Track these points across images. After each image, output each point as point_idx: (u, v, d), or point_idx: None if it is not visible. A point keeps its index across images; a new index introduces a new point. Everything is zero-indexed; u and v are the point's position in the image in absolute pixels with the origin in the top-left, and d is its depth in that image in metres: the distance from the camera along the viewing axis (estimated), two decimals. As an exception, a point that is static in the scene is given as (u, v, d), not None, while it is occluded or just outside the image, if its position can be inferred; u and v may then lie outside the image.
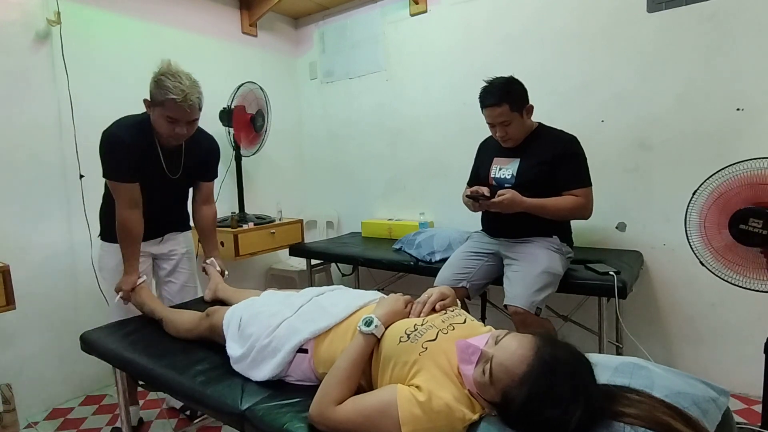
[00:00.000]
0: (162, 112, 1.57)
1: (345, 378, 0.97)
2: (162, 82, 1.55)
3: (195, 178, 1.89)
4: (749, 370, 1.88)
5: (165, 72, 1.57)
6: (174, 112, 1.56)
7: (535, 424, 0.79)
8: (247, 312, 1.30)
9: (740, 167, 1.46)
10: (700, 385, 0.90)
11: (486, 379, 0.84)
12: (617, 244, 2.25)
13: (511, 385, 0.81)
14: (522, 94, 1.75)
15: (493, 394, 0.84)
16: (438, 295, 1.11)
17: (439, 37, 2.71)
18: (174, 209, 1.93)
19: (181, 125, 1.61)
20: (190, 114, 1.60)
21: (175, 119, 1.58)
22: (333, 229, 3.37)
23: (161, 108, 1.57)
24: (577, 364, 0.81)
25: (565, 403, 0.76)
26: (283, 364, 1.15)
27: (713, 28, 1.93)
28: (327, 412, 0.93)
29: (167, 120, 1.58)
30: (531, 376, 0.79)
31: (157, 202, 1.77)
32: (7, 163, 1.99)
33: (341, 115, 3.23)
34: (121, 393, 1.61)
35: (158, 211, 1.80)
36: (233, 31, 2.97)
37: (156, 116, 1.61)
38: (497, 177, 1.85)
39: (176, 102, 1.54)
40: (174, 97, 1.53)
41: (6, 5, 1.98)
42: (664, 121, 2.07)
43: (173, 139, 1.65)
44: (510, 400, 0.81)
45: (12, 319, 1.90)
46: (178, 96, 1.53)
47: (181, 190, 1.90)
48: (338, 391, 0.95)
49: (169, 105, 1.55)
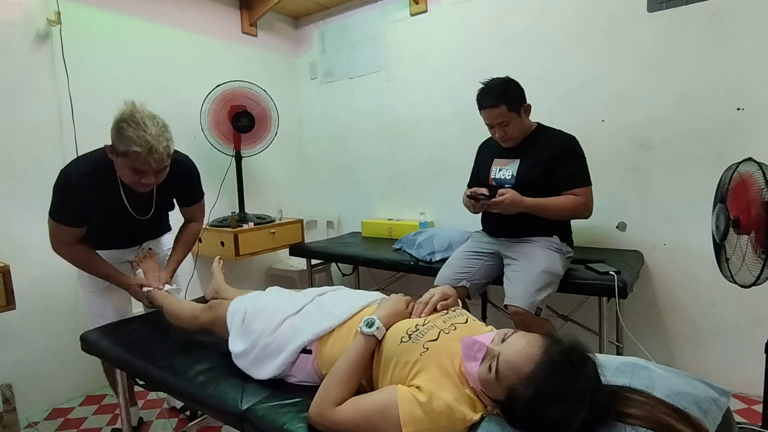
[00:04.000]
0: (125, 162, 1.40)
1: (345, 379, 0.97)
2: (124, 132, 1.36)
3: (168, 210, 1.77)
4: (749, 370, 1.89)
5: (127, 118, 1.37)
6: (139, 164, 1.38)
7: (540, 422, 0.78)
8: (252, 306, 1.30)
9: (731, 168, 1.48)
10: (701, 386, 0.90)
11: (492, 377, 0.84)
12: (617, 243, 2.25)
13: (517, 383, 0.80)
14: (519, 93, 1.75)
15: (498, 392, 0.84)
16: (440, 295, 1.11)
17: (439, 36, 2.71)
18: (150, 230, 1.80)
19: (149, 176, 1.44)
20: (158, 164, 1.41)
21: (142, 171, 1.42)
22: (333, 229, 3.37)
23: (124, 158, 1.39)
24: (584, 363, 0.81)
25: (570, 403, 0.76)
26: (285, 365, 1.15)
27: (713, 28, 1.93)
28: (327, 412, 0.93)
29: (132, 171, 1.42)
30: (538, 374, 0.79)
31: (127, 232, 1.69)
32: (7, 163, 1.99)
33: (341, 115, 3.23)
34: (121, 393, 1.61)
35: (132, 233, 1.72)
36: (233, 31, 2.97)
37: (119, 166, 1.44)
38: (497, 178, 1.85)
39: (140, 155, 1.36)
40: (138, 150, 1.35)
41: (6, 5, 1.98)
42: (664, 121, 2.07)
43: (140, 189, 1.49)
44: (515, 398, 0.81)
45: (12, 319, 1.90)
46: (142, 148, 1.35)
47: (155, 222, 1.75)
48: (338, 391, 0.95)
49: (133, 156, 1.37)
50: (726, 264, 1.51)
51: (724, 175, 1.52)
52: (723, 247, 1.52)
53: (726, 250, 1.51)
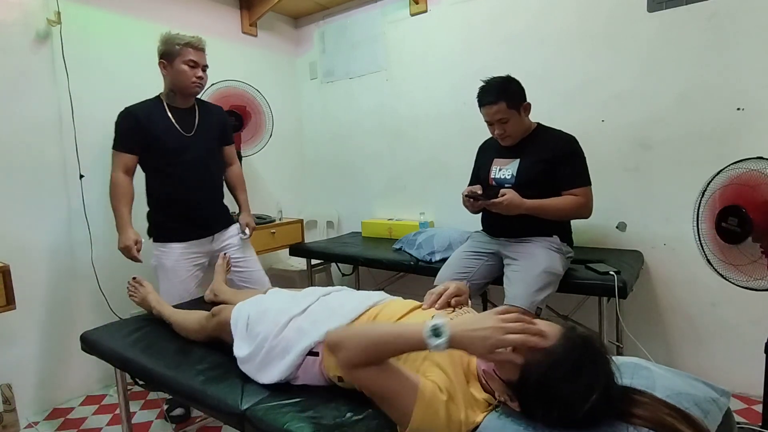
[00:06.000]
0: (181, 59, 1.76)
1: (373, 354, 0.89)
2: (172, 37, 1.77)
3: (212, 136, 1.98)
4: (749, 370, 1.88)
5: (169, 32, 1.80)
6: (192, 54, 1.77)
7: (550, 400, 0.78)
8: (254, 309, 1.29)
9: (735, 167, 1.48)
10: (701, 386, 0.90)
11: (509, 352, 0.83)
12: (617, 243, 2.25)
13: (534, 356, 0.80)
14: (519, 92, 1.75)
15: (511, 371, 0.83)
16: (455, 289, 1.11)
17: (439, 36, 2.71)
18: (208, 192, 1.97)
19: (199, 69, 1.80)
20: (204, 57, 1.82)
21: (195, 62, 1.78)
22: (333, 229, 3.37)
23: (180, 57, 1.76)
24: (602, 353, 0.82)
25: (584, 385, 0.76)
26: (292, 367, 1.13)
27: (713, 28, 1.93)
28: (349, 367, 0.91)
29: (189, 65, 1.77)
30: (557, 350, 0.79)
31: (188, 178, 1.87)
32: (8, 162, 1.99)
33: (341, 115, 3.23)
34: (120, 393, 1.61)
35: (196, 196, 1.89)
36: (233, 31, 2.97)
37: (175, 70, 1.78)
38: (497, 177, 1.85)
39: (192, 44, 1.76)
40: (190, 40, 1.76)
41: (6, 5, 1.98)
42: (664, 121, 2.07)
43: (196, 86, 1.83)
44: (530, 372, 0.80)
45: (12, 319, 1.90)
46: (193, 39, 1.77)
47: (204, 161, 1.93)
48: (360, 359, 0.90)
49: (186, 50, 1.76)
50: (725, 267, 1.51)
51: (721, 174, 1.51)
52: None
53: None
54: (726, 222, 1.49)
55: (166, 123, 1.84)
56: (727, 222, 1.49)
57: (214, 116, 2.00)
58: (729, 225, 1.48)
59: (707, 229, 1.55)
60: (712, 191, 1.54)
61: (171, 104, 1.87)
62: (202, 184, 1.93)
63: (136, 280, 1.79)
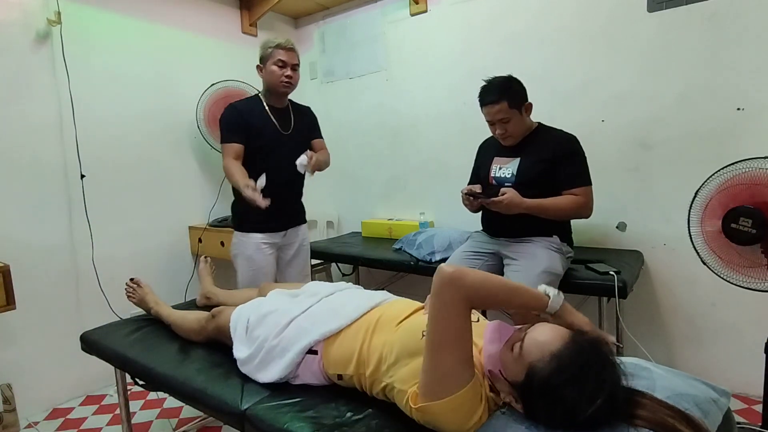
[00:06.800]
0: (272, 61, 1.89)
1: (492, 294, 0.89)
2: (266, 42, 1.93)
3: (305, 135, 2.09)
4: (749, 370, 1.89)
5: (266, 39, 1.96)
6: (282, 55, 1.88)
7: (555, 402, 0.78)
8: (254, 313, 1.29)
9: (741, 166, 1.46)
10: (702, 386, 0.90)
11: (515, 353, 0.83)
12: (617, 243, 2.25)
13: (540, 358, 0.80)
14: (521, 91, 1.76)
15: (518, 370, 0.83)
16: None
17: (439, 36, 2.71)
18: (293, 188, 2.10)
19: (288, 69, 1.90)
20: (294, 57, 1.92)
21: (284, 62, 1.89)
22: (333, 229, 3.38)
23: (271, 59, 1.89)
24: (610, 358, 0.82)
25: (589, 388, 0.76)
26: (291, 366, 1.13)
27: (713, 28, 1.93)
28: (464, 299, 0.86)
29: (278, 65, 1.88)
30: (564, 353, 0.79)
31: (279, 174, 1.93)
32: (8, 163, 1.99)
33: (341, 114, 3.23)
34: (120, 393, 1.61)
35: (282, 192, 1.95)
36: (233, 31, 2.97)
37: (268, 71, 1.91)
38: (497, 176, 1.85)
39: (281, 45, 1.89)
40: (279, 42, 1.89)
41: (6, 5, 1.98)
42: (664, 121, 2.07)
43: (286, 86, 1.92)
44: (535, 373, 0.80)
45: (12, 319, 1.90)
46: (282, 40, 1.90)
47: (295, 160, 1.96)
48: (479, 293, 0.87)
49: (276, 52, 1.88)
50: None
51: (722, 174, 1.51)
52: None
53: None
54: (737, 223, 1.45)
55: (265, 118, 1.95)
56: (738, 223, 1.45)
57: (306, 116, 2.13)
58: (741, 226, 1.44)
59: (710, 228, 1.54)
60: (710, 192, 1.53)
61: (268, 103, 1.98)
62: (290, 181, 2.02)
63: (134, 281, 1.79)
